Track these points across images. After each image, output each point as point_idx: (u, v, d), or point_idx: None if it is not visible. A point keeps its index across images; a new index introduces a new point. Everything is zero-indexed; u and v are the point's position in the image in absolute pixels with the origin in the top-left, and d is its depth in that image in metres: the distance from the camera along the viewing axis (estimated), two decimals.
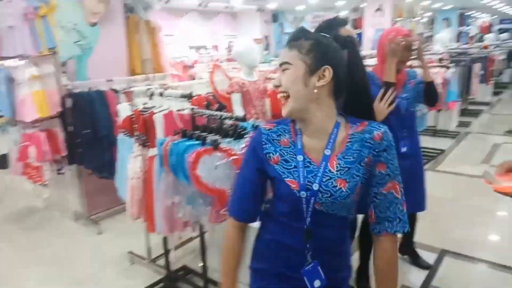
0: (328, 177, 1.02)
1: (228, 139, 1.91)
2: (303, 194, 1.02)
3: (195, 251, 2.93)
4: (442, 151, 5.19)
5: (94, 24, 3.75)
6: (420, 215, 2.61)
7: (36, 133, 3.32)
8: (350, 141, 1.04)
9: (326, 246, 1.08)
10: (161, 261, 2.72)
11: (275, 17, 13.60)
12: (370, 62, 5.23)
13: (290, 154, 1.06)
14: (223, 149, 1.83)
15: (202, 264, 2.34)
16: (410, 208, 1.09)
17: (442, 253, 2.80)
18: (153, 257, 2.82)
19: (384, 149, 1.05)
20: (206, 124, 2.09)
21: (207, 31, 12.48)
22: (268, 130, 1.11)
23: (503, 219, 3.43)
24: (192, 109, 2.13)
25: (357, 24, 10.12)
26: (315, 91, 1.01)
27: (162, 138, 2.03)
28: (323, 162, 1.03)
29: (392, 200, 1.06)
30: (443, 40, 7.15)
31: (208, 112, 2.03)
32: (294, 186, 1.03)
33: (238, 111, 2.67)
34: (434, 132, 5.87)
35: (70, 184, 3.71)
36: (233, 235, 1.17)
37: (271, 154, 1.08)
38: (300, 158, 1.04)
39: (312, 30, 1.09)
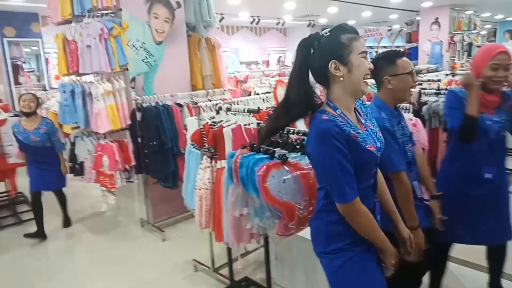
0: (375, 133, 1.41)
1: (294, 154, 1.95)
2: (378, 153, 1.37)
3: (257, 262, 2.97)
4: None
5: (159, 43, 4.01)
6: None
7: (108, 144, 3.58)
8: (358, 107, 1.43)
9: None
10: (224, 271, 2.79)
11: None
12: (425, 77, 5.07)
13: (352, 128, 1.31)
14: (291, 163, 1.87)
15: (266, 276, 2.37)
16: (497, 238, 1.07)
17: None
18: (217, 266, 2.89)
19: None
20: (271, 139, 2.15)
21: (257, 47, 12.76)
22: (330, 117, 1.30)
23: None
24: (259, 123, 2.21)
25: (412, 37, 9.85)
26: None
27: (231, 151, 2.11)
28: (367, 127, 1.39)
29: None
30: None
31: None
32: (373, 149, 1.33)
33: (301, 125, 2.70)
34: None
35: (136, 192, 3.94)
36: (365, 209, 1.32)
37: (350, 131, 1.30)
38: (359, 130, 1.34)
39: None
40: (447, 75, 5.08)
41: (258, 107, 2.20)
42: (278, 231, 1.95)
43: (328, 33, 1.33)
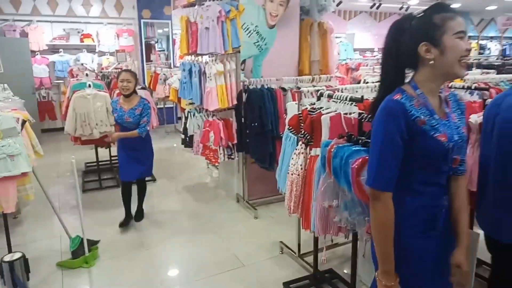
0: (457, 127, 1.31)
1: None
2: (449, 145, 1.26)
3: (344, 257, 2.90)
4: None
5: (272, 27, 4.06)
6: None
7: (215, 121, 3.83)
8: (450, 100, 1.36)
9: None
10: (309, 258, 2.78)
11: None
12: None
13: (425, 112, 1.24)
14: None
15: (351, 272, 2.28)
16: None
17: None
18: (302, 253, 2.90)
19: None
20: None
21: (374, 34, 12.03)
22: (401, 99, 1.24)
23: None
24: (360, 113, 2.09)
25: None
26: None
27: (327, 139, 2.05)
28: (449, 117, 1.31)
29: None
30: None
31: None
32: (443, 139, 1.24)
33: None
34: None
35: (236, 169, 4.16)
36: (392, 210, 1.25)
37: (417, 116, 1.23)
38: (436, 116, 1.26)
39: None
40: None
41: (362, 96, 2.08)
42: (368, 229, 1.85)
43: (422, 13, 1.25)
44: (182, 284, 2.74)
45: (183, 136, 4.53)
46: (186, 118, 4.45)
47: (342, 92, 2.73)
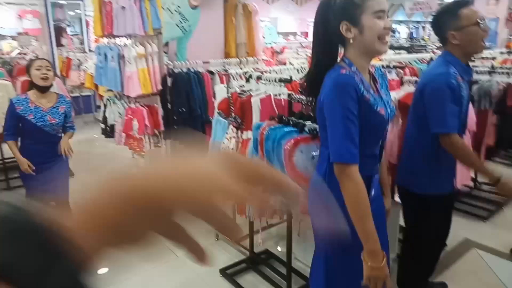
0: (387, 101, 1.37)
1: None
2: (387, 118, 1.33)
3: (279, 236, 2.93)
4: None
5: (195, 7, 3.88)
6: None
7: (138, 108, 3.58)
8: (376, 76, 1.41)
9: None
10: (245, 242, 2.76)
11: None
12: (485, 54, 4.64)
13: (365, 88, 1.27)
14: None
15: (287, 251, 2.31)
16: None
17: None
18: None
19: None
20: (302, 111, 2.02)
21: (297, 18, 12.30)
22: (349, 72, 1.26)
23: None
24: (289, 94, 2.08)
25: None
26: None
27: (258, 122, 2.01)
28: (380, 92, 1.36)
29: None
30: None
31: (306, 98, 1.96)
32: (383, 113, 1.30)
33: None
34: None
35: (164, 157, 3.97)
36: (362, 182, 1.23)
37: (364, 91, 1.25)
38: (372, 92, 1.30)
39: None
40: (502, 53, 4.64)
41: (291, 77, 2.07)
42: (302, 210, 1.87)
43: None
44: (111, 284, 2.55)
45: (103, 125, 4.18)
46: (106, 106, 4.11)
47: (270, 73, 2.72)
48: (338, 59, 1.35)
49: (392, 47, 6.83)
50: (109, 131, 4.08)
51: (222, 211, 0.33)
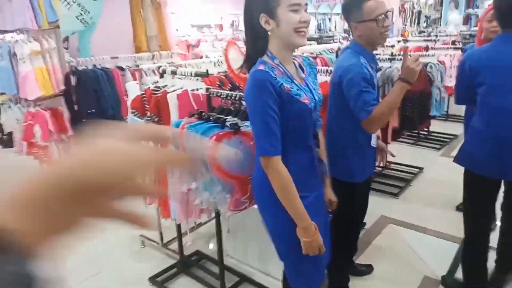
0: (314, 89, 1.42)
1: (247, 122, 1.78)
2: (312, 106, 1.36)
3: (209, 235, 2.85)
4: (455, 136, 5.07)
5: None
6: (440, 203, 2.50)
7: (40, 112, 3.18)
8: (304, 65, 1.45)
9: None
10: (174, 245, 2.63)
11: None
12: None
13: (286, 80, 1.30)
14: (244, 132, 1.71)
15: (217, 249, 2.25)
16: None
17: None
18: (166, 241, 2.73)
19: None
20: (222, 106, 1.96)
21: (210, 9, 12.13)
22: (265, 69, 1.27)
23: None
24: (208, 89, 2.00)
25: None
26: None
27: (176, 120, 1.90)
28: (306, 82, 1.40)
29: None
30: (456, 21, 6.91)
31: (225, 92, 1.90)
32: (307, 102, 1.33)
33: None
34: (446, 117, 5.73)
35: None
36: (286, 170, 1.30)
37: (283, 84, 1.28)
38: (296, 82, 1.35)
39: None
40: (399, 41, 5.09)
41: (207, 70, 1.98)
42: (230, 206, 1.81)
43: None
44: None
45: None
46: (0, 112, 3.59)
47: (185, 67, 2.59)
48: None
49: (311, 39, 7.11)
50: (6, 140, 3.58)
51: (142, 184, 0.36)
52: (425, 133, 5.10)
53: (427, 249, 2.65)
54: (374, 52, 1.90)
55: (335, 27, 12.41)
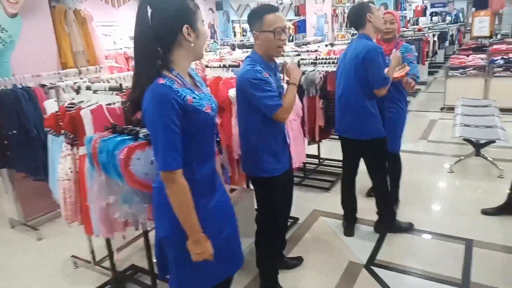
0: (210, 96, 1.47)
1: None
2: (213, 114, 1.41)
3: (143, 249, 2.83)
4: None
5: (14, 15, 3.43)
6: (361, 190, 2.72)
7: None
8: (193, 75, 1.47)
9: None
10: (107, 263, 2.60)
11: (219, 5, 13.37)
12: (313, 47, 5.31)
13: (188, 91, 1.33)
14: None
15: (147, 261, 2.26)
16: None
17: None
18: (98, 260, 2.69)
19: None
20: (140, 118, 1.99)
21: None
22: (166, 83, 1.28)
23: (441, 192, 3.67)
24: (124, 102, 2.02)
25: (300, 10, 10.20)
26: None
27: (91, 135, 1.91)
28: (202, 90, 1.44)
29: None
30: None
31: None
32: (209, 111, 1.38)
33: None
34: None
35: (3, 189, 3.44)
36: (186, 185, 1.31)
37: (186, 96, 1.30)
38: (196, 92, 1.38)
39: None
40: (326, 45, 5.38)
41: (120, 84, 2.01)
42: (149, 216, 1.85)
43: None
44: None
45: None
46: None
47: (108, 82, 2.59)
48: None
49: (243, 46, 7.23)
50: None
51: None
52: None
53: (353, 237, 2.84)
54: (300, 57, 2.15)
55: None
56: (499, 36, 9.77)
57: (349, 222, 2.92)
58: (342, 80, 2.60)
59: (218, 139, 1.60)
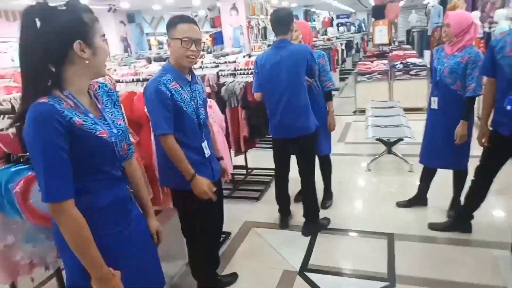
0: (112, 121, 1.32)
1: None
2: (111, 139, 1.26)
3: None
4: None
5: None
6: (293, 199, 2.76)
7: None
8: (99, 95, 1.34)
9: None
10: None
11: (131, 17, 12.88)
12: (231, 58, 5.34)
13: (78, 113, 1.19)
14: None
15: None
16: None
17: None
18: None
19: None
20: None
21: None
22: (49, 101, 1.13)
23: (361, 190, 3.88)
24: (10, 125, 1.76)
25: (215, 22, 10.26)
26: None
27: None
28: (103, 114, 1.30)
29: None
30: None
31: None
32: (105, 135, 1.24)
33: None
34: None
35: None
36: (79, 215, 1.16)
37: (72, 117, 1.16)
38: (91, 115, 1.23)
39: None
40: (244, 56, 5.44)
41: (13, 107, 1.75)
42: (57, 255, 1.62)
43: (65, 8, 1.16)
44: None
45: None
46: None
47: (0, 104, 2.27)
48: None
49: (160, 59, 7.00)
50: None
51: None
52: None
53: (285, 245, 2.85)
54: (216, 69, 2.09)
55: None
56: (396, 43, 10.89)
57: (284, 215, 3.10)
58: (281, 80, 2.65)
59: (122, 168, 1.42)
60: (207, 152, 1.98)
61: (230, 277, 2.48)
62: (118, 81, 2.76)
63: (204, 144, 1.97)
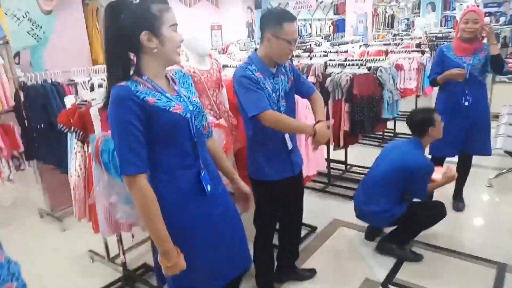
0: (188, 97, 1.38)
1: None
2: (186, 114, 1.32)
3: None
4: None
5: (48, 12, 3.57)
6: None
7: None
8: (176, 77, 1.43)
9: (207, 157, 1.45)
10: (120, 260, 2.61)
11: (258, 3, 13.30)
12: (350, 48, 5.11)
13: (155, 95, 1.27)
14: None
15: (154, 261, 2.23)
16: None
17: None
18: (112, 256, 2.71)
19: None
20: None
21: (190, 20, 12.16)
22: (128, 83, 1.24)
23: (480, 209, 3.36)
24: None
25: (339, 9, 9.91)
26: None
27: (95, 134, 1.90)
28: (179, 93, 1.37)
29: None
30: (421, 25, 7.05)
31: None
32: (179, 111, 1.30)
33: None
34: None
35: (34, 180, 3.58)
36: (150, 190, 1.24)
37: (146, 97, 1.24)
38: (167, 94, 1.31)
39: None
40: (360, 46, 5.15)
41: None
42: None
43: (138, 1, 1.25)
44: None
45: None
46: None
47: None
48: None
49: None
50: None
51: None
52: (391, 134, 5.15)
53: (372, 251, 2.66)
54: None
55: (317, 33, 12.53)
56: None
57: (373, 227, 2.81)
58: (383, 167, 2.53)
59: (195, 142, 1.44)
60: (289, 144, 1.95)
61: (308, 272, 2.44)
62: (225, 66, 2.89)
63: (287, 136, 1.94)
